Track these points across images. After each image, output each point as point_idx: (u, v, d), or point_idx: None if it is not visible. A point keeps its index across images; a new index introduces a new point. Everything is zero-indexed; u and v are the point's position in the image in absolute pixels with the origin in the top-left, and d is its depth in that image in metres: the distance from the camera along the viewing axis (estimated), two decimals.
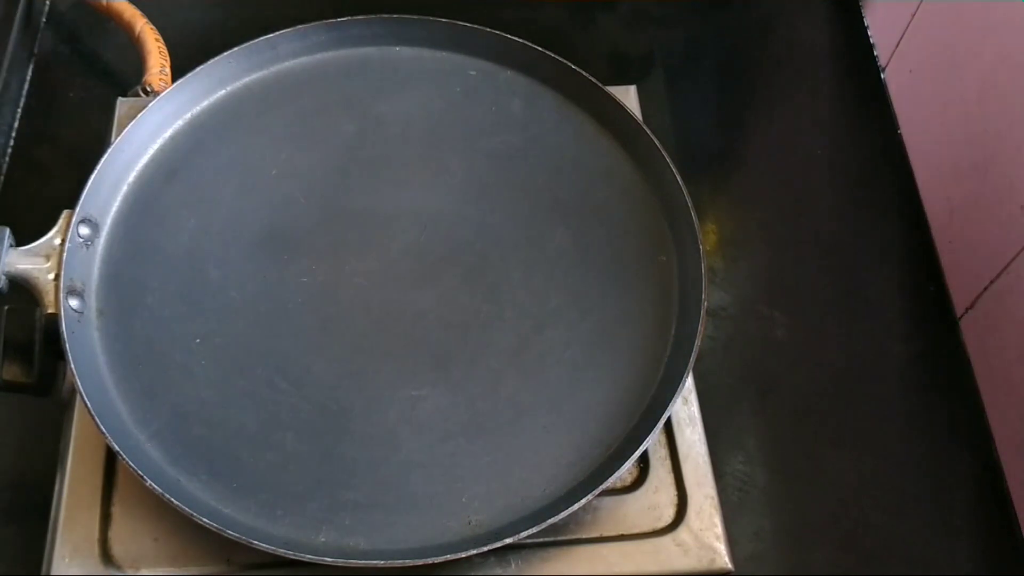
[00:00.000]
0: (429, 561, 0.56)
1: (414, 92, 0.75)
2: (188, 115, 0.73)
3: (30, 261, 0.63)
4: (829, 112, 0.89)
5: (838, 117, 0.88)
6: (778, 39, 0.93)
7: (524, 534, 0.56)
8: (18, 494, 0.67)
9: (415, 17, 0.76)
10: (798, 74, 0.91)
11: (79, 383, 0.59)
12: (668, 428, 0.65)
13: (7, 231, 0.63)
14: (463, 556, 0.56)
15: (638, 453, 0.59)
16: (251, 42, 0.74)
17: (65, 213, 0.65)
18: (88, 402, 0.58)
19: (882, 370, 0.75)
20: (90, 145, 0.75)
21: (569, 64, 0.74)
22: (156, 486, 0.56)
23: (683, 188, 0.68)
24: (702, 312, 0.64)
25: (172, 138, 0.72)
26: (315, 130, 0.73)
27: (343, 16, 0.76)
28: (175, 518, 0.57)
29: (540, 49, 0.74)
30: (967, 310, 0.75)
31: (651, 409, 0.62)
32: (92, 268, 0.66)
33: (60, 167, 0.82)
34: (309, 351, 0.65)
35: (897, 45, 0.85)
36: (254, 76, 0.75)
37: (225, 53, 0.73)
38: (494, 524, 0.59)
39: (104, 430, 0.57)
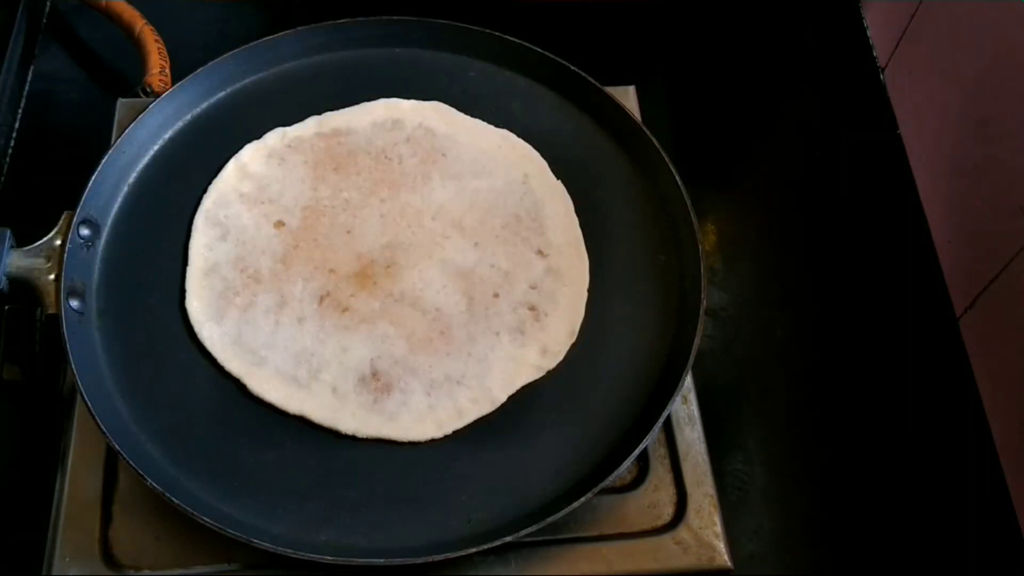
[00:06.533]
0: (429, 559, 0.56)
1: (414, 94, 0.75)
2: (188, 116, 0.73)
3: (31, 262, 0.63)
4: (829, 112, 0.89)
5: (838, 117, 0.88)
6: (777, 39, 0.93)
7: (524, 532, 0.56)
8: (18, 494, 0.67)
9: (415, 18, 0.76)
10: (797, 74, 0.91)
11: (79, 383, 0.59)
12: (667, 427, 0.65)
13: (8, 232, 0.63)
14: (463, 555, 0.56)
15: (638, 452, 0.59)
16: (251, 43, 0.74)
17: (66, 214, 0.65)
18: (88, 402, 0.58)
19: (882, 370, 0.75)
20: (91, 146, 0.75)
21: (569, 64, 0.74)
22: (156, 485, 0.56)
23: (682, 188, 0.68)
24: (701, 312, 0.64)
25: (172, 139, 0.72)
26: None
27: (343, 18, 0.76)
28: (175, 517, 0.57)
29: (540, 49, 0.74)
30: (967, 310, 0.75)
31: (650, 408, 0.62)
32: (93, 269, 0.66)
33: (61, 168, 0.82)
34: None
35: (896, 45, 0.85)
36: (254, 77, 0.75)
37: (226, 55, 0.73)
38: (494, 523, 0.59)
39: (104, 430, 0.58)
